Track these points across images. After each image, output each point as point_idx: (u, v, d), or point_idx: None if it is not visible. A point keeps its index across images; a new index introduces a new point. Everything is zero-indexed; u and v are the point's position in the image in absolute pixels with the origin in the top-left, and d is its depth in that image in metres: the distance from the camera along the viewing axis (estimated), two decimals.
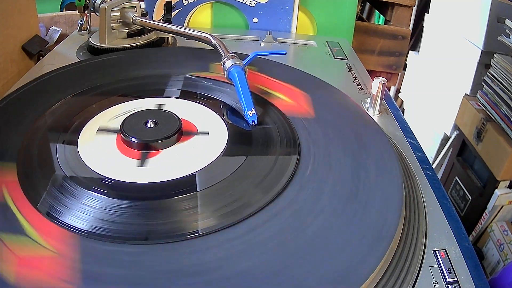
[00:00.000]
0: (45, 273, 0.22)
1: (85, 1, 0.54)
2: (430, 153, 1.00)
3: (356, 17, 0.68)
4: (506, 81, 0.69)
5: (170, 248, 0.24)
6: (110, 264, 0.23)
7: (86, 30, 0.58)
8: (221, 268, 0.23)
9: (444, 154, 0.94)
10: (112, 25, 0.51)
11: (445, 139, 0.96)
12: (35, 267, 0.22)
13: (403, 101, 1.19)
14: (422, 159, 0.36)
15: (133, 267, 0.23)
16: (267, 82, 0.42)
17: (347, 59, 0.55)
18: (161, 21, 0.53)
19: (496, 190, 0.72)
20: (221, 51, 0.41)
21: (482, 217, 0.76)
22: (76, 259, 0.23)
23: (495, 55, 0.73)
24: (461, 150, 0.85)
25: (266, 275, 0.22)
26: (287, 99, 0.39)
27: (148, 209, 0.27)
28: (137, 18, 0.51)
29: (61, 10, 0.96)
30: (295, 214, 0.26)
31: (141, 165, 0.30)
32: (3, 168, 0.29)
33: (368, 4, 1.14)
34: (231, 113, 0.37)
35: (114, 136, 0.33)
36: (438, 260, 0.26)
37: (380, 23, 1.11)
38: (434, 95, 1.01)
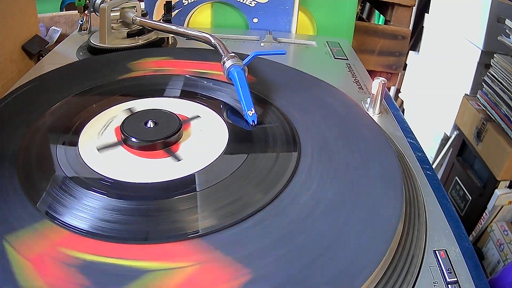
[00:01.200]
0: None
1: (85, 1, 0.54)
2: (430, 153, 1.00)
3: (356, 17, 0.68)
4: (506, 81, 0.69)
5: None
6: None
7: (86, 30, 0.58)
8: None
9: (444, 154, 0.94)
10: (112, 25, 0.51)
11: (445, 139, 0.96)
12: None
13: (403, 101, 1.19)
14: (422, 159, 0.36)
15: None
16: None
17: (347, 59, 0.55)
18: (161, 21, 0.53)
19: (496, 190, 0.72)
20: (221, 51, 0.41)
21: (482, 217, 0.76)
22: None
23: (495, 55, 0.73)
24: (461, 150, 0.85)
25: (264, 275, 0.22)
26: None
27: (148, 209, 0.27)
28: (137, 18, 0.51)
29: (61, 10, 0.96)
30: (294, 214, 0.26)
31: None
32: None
33: (368, 4, 1.14)
34: (231, 113, 0.37)
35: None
36: (438, 260, 0.26)
37: (380, 23, 1.11)
38: (434, 95, 1.01)
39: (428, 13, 1.05)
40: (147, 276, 0.22)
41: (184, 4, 0.62)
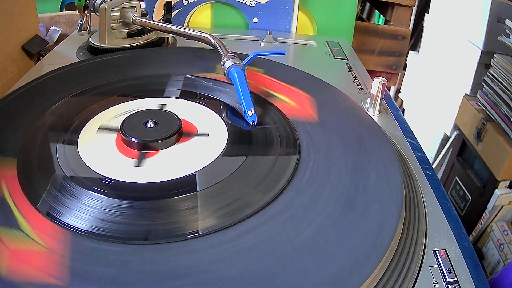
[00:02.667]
0: (34, 267, 0.22)
1: (85, 1, 0.54)
2: (430, 153, 1.00)
3: (356, 17, 0.68)
4: (506, 81, 0.69)
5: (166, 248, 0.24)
6: (99, 262, 0.23)
7: (86, 30, 0.58)
8: (209, 271, 0.23)
9: (444, 154, 0.94)
10: (112, 25, 0.51)
11: (445, 139, 0.96)
12: (26, 261, 0.22)
13: (403, 101, 1.19)
14: (422, 159, 0.36)
15: (121, 267, 0.23)
16: (270, 84, 0.41)
17: (347, 59, 0.55)
18: (161, 21, 0.53)
19: (496, 190, 0.72)
20: (221, 51, 0.41)
21: (482, 217, 0.76)
22: (66, 256, 0.23)
23: (495, 55, 0.73)
24: (461, 150, 0.85)
25: (264, 275, 0.22)
26: (292, 102, 0.39)
27: (148, 209, 0.27)
28: (137, 18, 0.51)
29: (61, 10, 0.96)
30: (295, 214, 0.26)
31: (139, 164, 0.30)
32: (2, 163, 0.29)
33: (368, 4, 1.14)
34: (231, 113, 0.37)
35: (114, 135, 0.33)
36: (438, 260, 0.26)
37: (380, 23, 1.10)
38: (434, 95, 1.01)
39: (428, 13, 1.05)
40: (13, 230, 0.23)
41: (184, 4, 0.62)
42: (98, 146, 0.32)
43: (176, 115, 0.34)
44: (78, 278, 0.22)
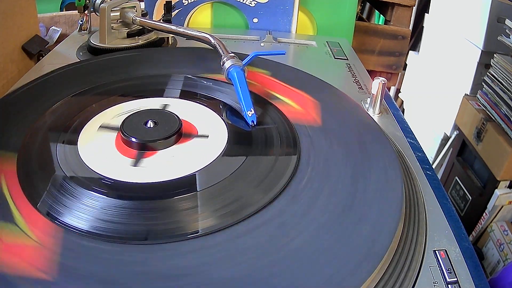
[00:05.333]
0: (25, 261, 0.22)
1: (85, 1, 0.54)
2: (430, 153, 1.00)
3: (356, 17, 0.68)
4: (506, 81, 0.69)
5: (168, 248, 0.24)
6: (88, 260, 0.23)
7: (86, 30, 0.58)
8: (204, 273, 0.23)
9: (444, 154, 0.94)
10: (112, 25, 0.51)
11: (445, 139, 0.96)
12: (17, 254, 0.23)
13: (403, 101, 1.19)
14: (422, 159, 0.36)
15: (110, 265, 0.23)
16: (272, 85, 0.41)
17: (347, 59, 0.55)
18: (161, 21, 0.53)
19: (496, 190, 0.72)
20: (220, 51, 0.41)
21: (482, 217, 0.76)
22: (57, 252, 0.23)
23: (495, 55, 0.73)
24: (461, 150, 0.85)
25: (263, 275, 0.22)
26: (294, 105, 0.39)
27: (148, 209, 0.27)
28: (137, 18, 0.51)
29: (61, 10, 0.96)
30: (294, 214, 0.26)
31: (138, 164, 0.30)
32: (2, 162, 0.30)
33: (368, 4, 1.14)
34: (231, 113, 0.37)
35: (114, 135, 0.33)
36: (438, 260, 0.26)
37: (380, 23, 1.10)
38: (434, 95, 1.01)
39: (428, 13, 1.05)
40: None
41: (184, 4, 0.62)
42: (98, 146, 0.32)
43: (176, 115, 0.34)
44: (66, 274, 0.22)
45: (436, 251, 0.27)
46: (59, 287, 0.21)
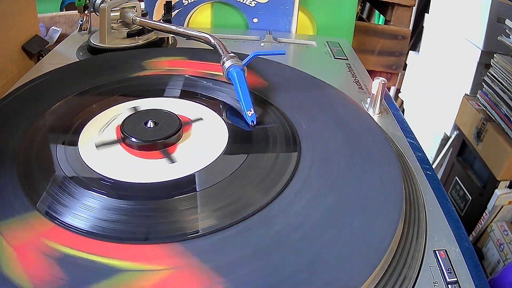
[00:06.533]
0: None
1: (85, 1, 0.54)
2: (430, 153, 1.00)
3: (356, 17, 0.68)
4: (506, 81, 0.69)
5: None
6: None
7: (86, 30, 0.58)
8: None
9: (444, 154, 0.94)
10: (112, 25, 0.51)
11: (445, 139, 0.96)
12: None
13: (403, 101, 1.19)
14: (422, 159, 0.36)
15: None
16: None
17: (347, 59, 0.55)
18: (161, 21, 0.53)
19: (496, 190, 0.72)
20: (220, 51, 0.41)
21: (482, 217, 0.76)
22: None
23: (495, 55, 0.73)
24: (461, 150, 0.85)
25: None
26: None
27: (148, 209, 0.27)
28: (137, 18, 0.51)
29: (61, 10, 0.96)
30: (294, 213, 0.26)
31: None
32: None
33: (368, 4, 1.14)
34: (231, 113, 0.37)
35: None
36: (438, 260, 0.26)
37: (380, 23, 1.10)
38: (434, 95, 1.01)
39: (428, 13, 1.05)
40: (119, 275, 0.22)
41: (184, 4, 0.62)
42: (107, 157, 0.32)
43: (176, 115, 0.34)
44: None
45: (436, 251, 0.27)
46: None
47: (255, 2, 0.62)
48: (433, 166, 0.90)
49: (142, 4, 0.59)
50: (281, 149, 0.32)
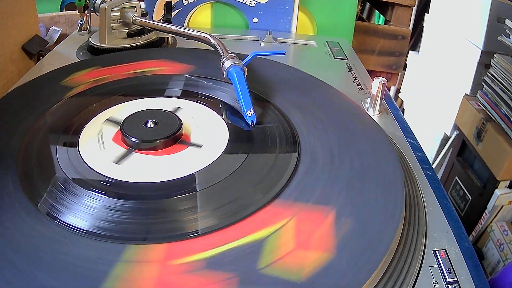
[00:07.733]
0: None
1: (85, 1, 0.54)
2: (430, 153, 1.00)
3: (356, 17, 0.68)
4: (506, 81, 0.69)
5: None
6: None
7: (86, 30, 0.58)
8: None
9: (444, 154, 0.94)
10: (112, 25, 0.51)
11: (445, 139, 0.96)
12: None
13: (403, 101, 1.19)
14: (422, 159, 0.36)
15: None
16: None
17: (347, 59, 0.55)
18: (161, 21, 0.53)
19: (496, 190, 0.72)
20: (220, 51, 0.41)
21: (482, 217, 0.76)
22: None
23: (495, 55, 0.73)
24: (461, 150, 0.85)
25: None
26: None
27: (148, 209, 0.27)
28: (137, 18, 0.51)
29: (61, 10, 0.96)
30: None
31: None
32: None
33: (368, 4, 1.14)
34: (231, 113, 0.37)
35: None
36: (438, 260, 0.26)
37: (380, 23, 1.11)
38: (434, 95, 1.01)
39: (428, 13, 1.05)
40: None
41: (184, 4, 0.62)
42: (98, 146, 0.32)
43: (176, 115, 0.34)
44: None
45: (436, 251, 0.27)
46: None
47: (255, 2, 0.62)
48: (433, 166, 0.90)
49: (142, 4, 0.59)
50: (281, 149, 0.32)
